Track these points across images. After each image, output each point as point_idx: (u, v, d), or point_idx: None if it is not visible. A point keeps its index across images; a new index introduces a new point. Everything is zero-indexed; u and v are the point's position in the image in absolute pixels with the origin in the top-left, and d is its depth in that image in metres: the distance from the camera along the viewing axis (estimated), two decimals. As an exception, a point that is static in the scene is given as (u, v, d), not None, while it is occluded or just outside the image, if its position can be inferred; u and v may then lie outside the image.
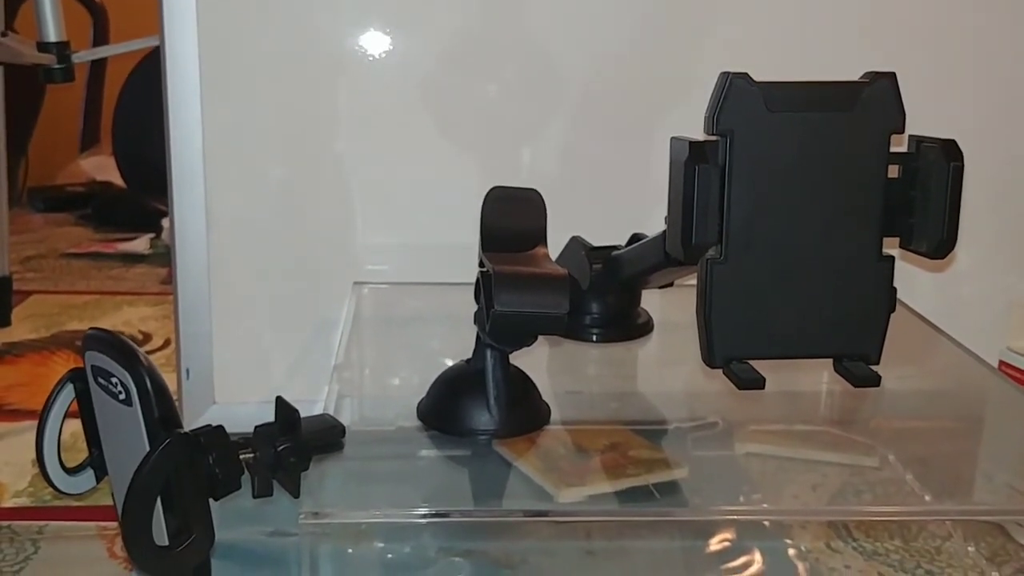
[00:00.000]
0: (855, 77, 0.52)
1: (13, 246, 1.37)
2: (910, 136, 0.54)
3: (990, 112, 0.93)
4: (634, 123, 0.91)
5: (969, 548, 0.75)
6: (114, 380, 0.54)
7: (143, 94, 1.87)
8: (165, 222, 1.74)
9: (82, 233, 1.87)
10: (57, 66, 1.15)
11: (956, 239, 0.53)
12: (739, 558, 0.72)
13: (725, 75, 0.51)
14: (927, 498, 0.68)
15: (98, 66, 2.14)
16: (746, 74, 0.51)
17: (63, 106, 2.15)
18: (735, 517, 0.71)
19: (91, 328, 0.57)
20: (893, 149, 0.53)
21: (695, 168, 0.51)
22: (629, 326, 0.83)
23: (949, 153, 0.52)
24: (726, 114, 0.51)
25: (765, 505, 0.67)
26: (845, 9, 0.90)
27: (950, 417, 0.79)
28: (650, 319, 0.84)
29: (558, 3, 0.89)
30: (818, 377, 0.81)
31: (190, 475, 0.52)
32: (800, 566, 0.72)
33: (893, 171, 0.54)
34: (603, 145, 0.92)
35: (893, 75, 0.52)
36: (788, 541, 0.75)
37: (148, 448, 0.51)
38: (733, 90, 0.51)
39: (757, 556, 0.73)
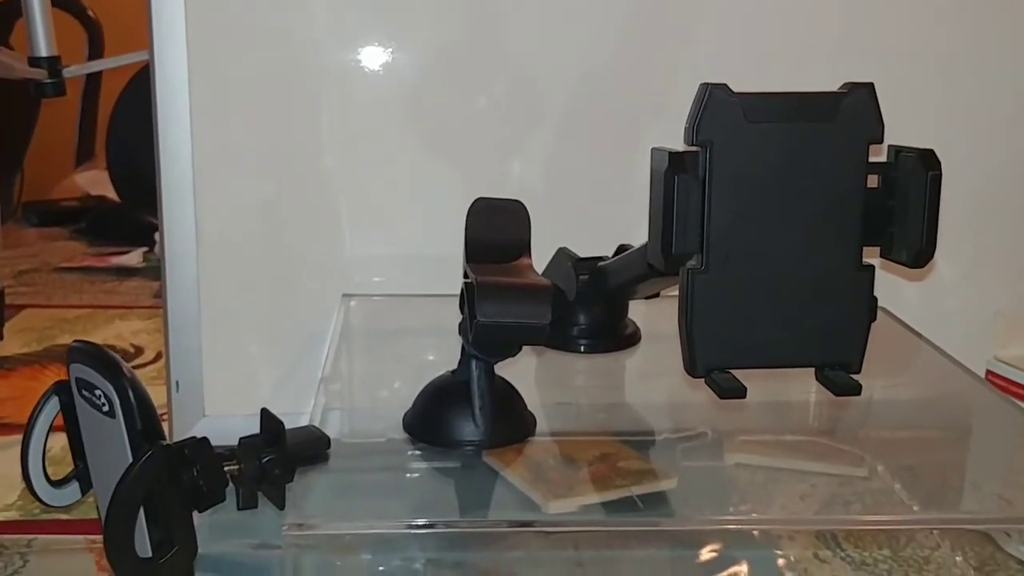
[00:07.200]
0: (834, 88, 0.53)
1: (7, 260, 1.38)
2: (889, 146, 0.54)
3: (972, 122, 0.94)
4: (619, 135, 0.91)
5: (957, 558, 0.75)
6: (97, 392, 0.54)
7: (137, 109, 1.86)
8: (158, 236, 1.75)
9: (75, 247, 1.88)
10: (48, 80, 1.15)
11: (935, 249, 0.53)
12: (728, 568, 0.72)
13: (704, 86, 0.51)
14: (915, 508, 0.68)
15: (93, 81, 2.15)
16: (725, 85, 0.51)
17: (58, 121, 2.15)
18: (724, 527, 0.71)
19: (75, 340, 0.57)
20: (872, 159, 0.53)
21: (674, 178, 0.51)
22: (616, 337, 0.83)
23: (927, 162, 0.52)
24: (705, 125, 0.51)
25: (754, 515, 0.67)
26: (824, 20, 0.91)
27: (938, 427, 0.79)
28: (637, 330, 0.85)
29: (542, 18, 0.89)
30: (806, 387, 0.81)
31: (173, 487, 0.52)
32: (789, 576, 0.72)
33: (872, 181, 0.54)
34: (589, 157, 0.92)
35: (871, 85, 0.52)
36: (777, 551, 0.75)
37: (131, 460, 0.51)
38: (712, 101, 0.51)
39: (745, 566, 0.73)
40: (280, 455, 0.57)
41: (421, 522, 0.58)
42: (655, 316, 0.86)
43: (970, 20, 0.92)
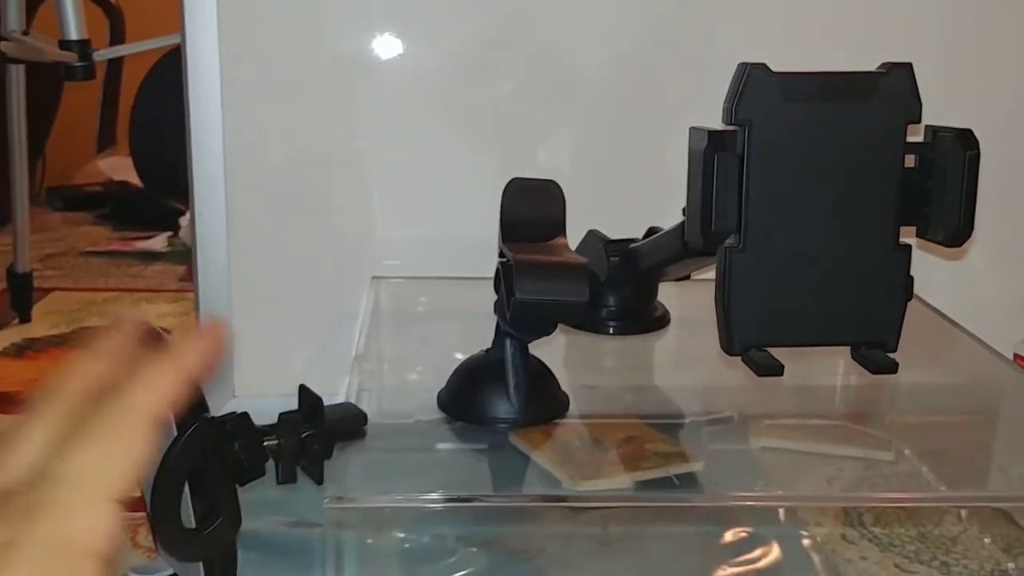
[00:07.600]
0: (872, 67, 0.53)
1: (32, 244, 1.39)
2: (926, 126, 0.54)
3: (1007, 105, 0.93)
4: (649, 118, 0.91)
5: (984, 539, 0.75)
6: (142, 366, 0.54)
7: (160, 94, 1.88)
8: (182, 220, 1.76)
9: (100, 232, 1.89)
10: (79, 64, 1.16)
11: (972, 228, 0.53)
12: (755, 549, 0.73)
13: (743, 66, 0.51)
14: (942, 489, 0.68)
15: (115, 67, 2.16)
16: (764, 64, 0.51)
17: (80, 107, 2.17)
18: (750, 504, 0.72)
19: (118, 316, 0.57)
20: (910, 139, 0.53)
21: (714, 156, 0.51)
22: (646, 319, 0.83)
23: (965, 142, 0.52)
24: (744, 104, 0.51)
25: (780, 492, 0.68)
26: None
27: (966, 411, 0.79)
28: (667, 312, 0.85)
29: (571, 1, 0.90)
30: (833, 370, 0.81)
31: (217, 460, 0.53)
32: (816, 557, 0.72)
33: (910, 160, 0.54)
34: (619, 140, 0.92)
35: (909, 65, 0.52)
36: (803, 532, 0.76)
37: (176, 433, 0.52)
38: (751, 80, 0.51)
39: (773, 546, 0.73)
40: (319, 431, 0.58)
41: (457, 496, 0.58)
42: (684, 299, 0.87)
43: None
